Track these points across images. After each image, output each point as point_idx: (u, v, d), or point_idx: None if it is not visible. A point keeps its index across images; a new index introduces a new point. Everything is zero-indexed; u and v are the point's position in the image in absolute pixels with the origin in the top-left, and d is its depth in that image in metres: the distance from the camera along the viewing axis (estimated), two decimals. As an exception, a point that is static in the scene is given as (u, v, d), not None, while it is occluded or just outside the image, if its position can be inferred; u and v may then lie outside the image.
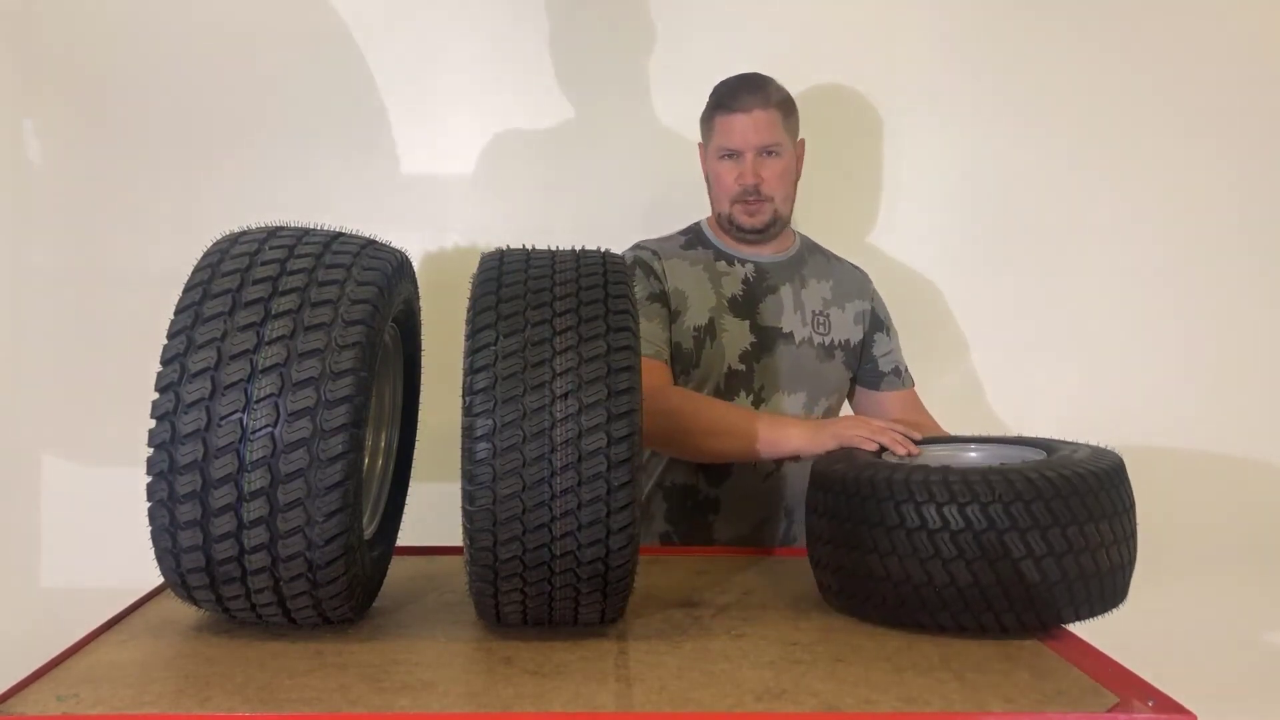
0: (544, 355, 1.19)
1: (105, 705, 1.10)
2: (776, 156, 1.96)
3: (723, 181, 1.97)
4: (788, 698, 1.12)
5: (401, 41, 2.38)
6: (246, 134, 2.39)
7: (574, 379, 1.19)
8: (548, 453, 1.17)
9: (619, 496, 1.18)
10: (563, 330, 1.21)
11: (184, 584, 1.24)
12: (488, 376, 1.19)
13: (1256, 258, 2.44)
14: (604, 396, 1.18)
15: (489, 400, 1.18)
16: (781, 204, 1.98)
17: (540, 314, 1.23)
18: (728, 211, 1.98)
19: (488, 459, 1.17)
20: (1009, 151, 2.43)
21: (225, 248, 1.28)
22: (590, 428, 1.17)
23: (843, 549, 1.39)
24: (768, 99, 1.95)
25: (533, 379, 1.18)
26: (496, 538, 1.19)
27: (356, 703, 1.10)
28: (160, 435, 1.17)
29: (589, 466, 1.17)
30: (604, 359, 1.20)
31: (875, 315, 2.09)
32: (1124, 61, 2.42)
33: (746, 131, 1.93)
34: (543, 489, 1.17)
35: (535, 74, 2.41)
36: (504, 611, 1.28)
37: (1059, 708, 1.10)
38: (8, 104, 2.37)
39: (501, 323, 1.22)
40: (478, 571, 1.23)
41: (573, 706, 1.09)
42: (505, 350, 1.20)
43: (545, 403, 1.17)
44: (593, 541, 1.19)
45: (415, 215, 2.39)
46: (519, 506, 1.18)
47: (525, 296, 1.24)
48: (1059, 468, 1.32)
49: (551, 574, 1.22)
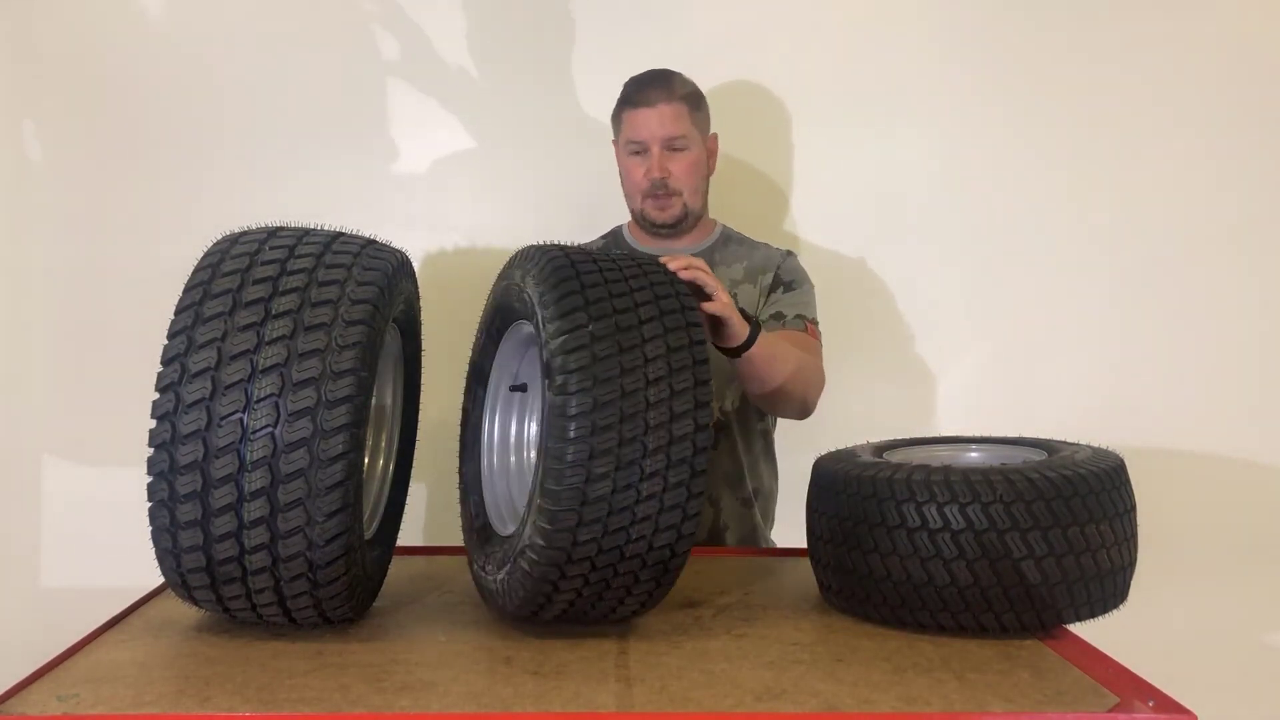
0: (635, 341, 1.21)
1: (105, 705, 1.10)
2: (684, 150, 1.95)
3: (632, 176, 1.97)
4: (788, 698, 1.12)
5: (402, 41, 2.38)
6: (247, 134, 2.39)
7: (664, 365, 1.21)
8: (641, 435, 1.18)
9: (698, 483, 1.21)
10: (648, 319, 1.24)
11: (184, 584, 1.24)
12: (585, 356, 1.19)
13: (1257, 258, 2.44)
14: (692, 385, 1.21)
15: (587, 379, 1.18)
16: (691, 197, 1.98)
17: (624, 301, 1.25)
18: (639, 207, 1.98)
19: (585, 437, 1.16)
20: (1009, 151, 2.43)
21: (225, 248, 1.28)
22: (681, 413, 1.20)
23: (843, 548, 1.39)
24: (672, 92, 1.94)
25: (628, 361, 1.20)
26: (581, 518, 1.18)
27: (356, 703, 1.10)
28: (161, 435, 1.17)
29: (678, 451, 1.19)
30: (689, 350, 1.23)
31: (777, 278, 2.02)
32: (1124, 61, 2.41)
33: (651, 125, 1.93)
34: (634, 471, 1.18)
35: (536, 74, 2.41)
36: (554, 602, 1.26)
37: (1059, 708, 1.10)
38: (8, 104, 2.37)
39: (590, 307, 1.23)
40: (549, 554, 1.19)
41: (573, 706, 1.09)
42: (600, 332, 1.21)
43: (640, 386, 1.19)
44: (668, 526, 1.21)
45: (415, 215, 2.39)
46: (610, 486, 1.17)
47: (607, 285, 1.26)
48: (1060, 468, 1.32)
49: (621, 558, 1.22)
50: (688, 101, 1.96)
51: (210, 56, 2.37)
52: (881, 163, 2.43)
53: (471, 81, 2.40)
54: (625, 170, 2.00)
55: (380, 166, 2.39)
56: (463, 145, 2.40)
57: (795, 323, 1.98)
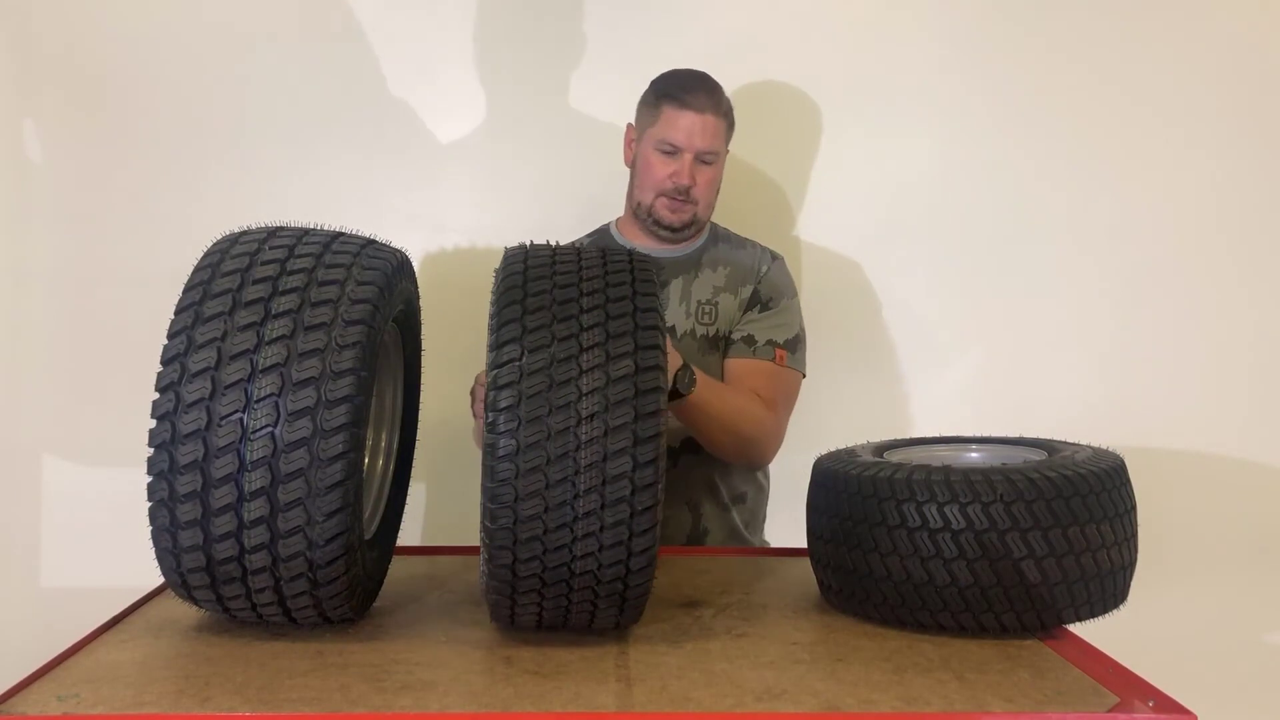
0: (570, 374, 1.17)
1: (105, 705, 1.10)
2: (712, 165, 1.95)
3: (655, 173, 1.95)
4: (788, 698, 1.12)
5: (402, 41, 2.38)
6: (246, 134, 2.39)
7: (600, 399, 1.16)
8: (572, 475, 1.15)
9: (642, 520, 1.17)
10: (590, 346, 1.18)
11: (184, 584, 1.24)
12: (512, 394, 1.16)
13: (1256, 258, 2.44)
14: (631, 419, 1.16)
15: (513, 420, 1.15)
16: (703, 210, 1.98)
17: (567, 328, 1.19)
18: (650, 203, 1.96)
19: (510, 479, 1.15)
20: (1009, 151, 2.43)
21: (225, 247, 1.28)
22: (615, 451, 1.15)
23: (843, 548, 1.39)
24: (719, 106, 1.94)
25: (558, 399, 1.16)
26: (516, 556, 1.18)
27: (356, 703, 1.10)
28: (161, 435, 1.17)
29: (613, 490, 1.15)
30: (631, 380, 1.17)
31: (756, 295, 2.01)
32: (1124, 60, 2.41)
33: (694, 132, 1.92)
34: (565, 511, 1.15)
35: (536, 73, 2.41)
36: (519, 618, 1.27)
37: (1059, 708, 1.10)
38: (8, 104, 2.37)
39: (527, 336, 1.18)
40: (495, 585, 1.21)
41: (573, 706, 1.09)
42: (530, 367, 1.17)
43: (570, 424, 1.15)
44: (613, 562, 1.19)
45: (415, 215, 2.39)
46: (540, 527, 1.16)
47: (552, 308, 1.21)
48: (1060, 468, 1.32)
49: (570, 590, 1.21)
50: (727, 118, 1.97)
51: (210, 56, 2.37)
52: (881, 163, 2.43)
53: (472, 81, 2.39)
54: (646, 164, 1.96)
55: (380, 166, 2.39)
56: (463, 145, 2.40)
57: (765, 350, 1.97)
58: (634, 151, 2.00)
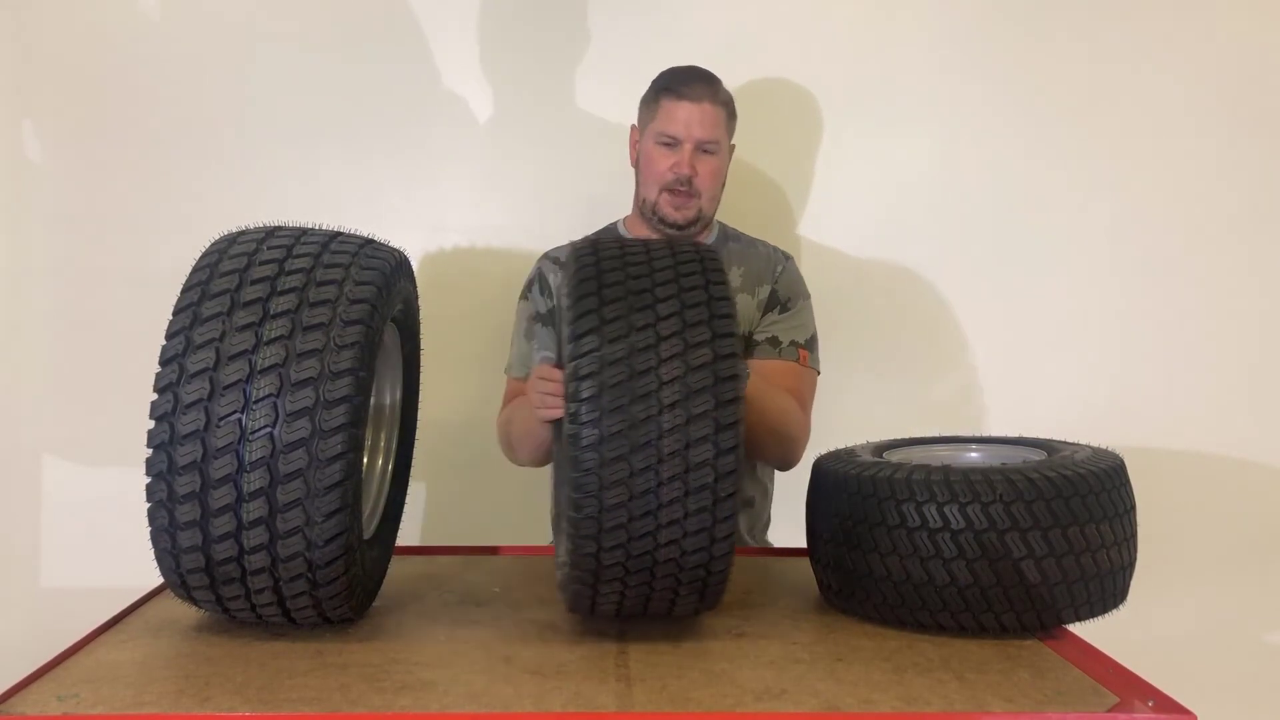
0: (649, 363, 1.18)
1: (105, 705, 1.10)
2: (713, 155, 1.94)
3: (656, 167, 1.94)
4: (788, 698, 1.12)
5: (401, 41, 2.38)
6: (246, 134, 2.38)
7: (681, 388, 1.17)
8: (654, 463, 1.16)
9: (724, 507, 1.18)
10: (667, 336, 1.19)
11: (184, 584, 1.24)
12: (594, 384, 1.17)
13: (1257, 258, 2.44)
14: (711, 406, 1.17)
15: (595, 409, 1.16)
16: (707, 203, 1.97)
17: (644, 317, 1.21)
18: (654, 199, 1.96)
19: (594, 468, 1.16)
20: (1009, 151, 2.42)
21: (223, 248, 1.28)
22: (698, 439, 1.17)
23: (843, 548, 1.39)
24: (716, 95, 1.94)
25: (639, 388, 1.17)
26: (600, 545, 1.19)
27: (356, 703, 1.10)
28: (159, 436, 1.17)
29: (696, 478, 1.17)
30: (710, 368, 1.19)
31: (774, 295, 2.01)
32: (1125, 59, 2.41)
33: (692, 122, 1.91)
34: (649, 499, 1.17)
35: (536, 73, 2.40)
36: (599, 607, 1.28)
37: (1059, 708, 1.10)
38: (7, 104, 2.37)
39: (605, 326, 1.20)
40: (577, 574, 1.22)
41: (573, 706, 1.09)
42: (610, 357, 1.18)
43: (652, 412, 1.16)
44: (697, 549, 1.20)
45: (415, 215, 2.39)
46: (624, 515, 1.17)
47: (627, 299, 1.22)
48: (1060, 468, 1.32)
49: (653, 577, 1.22)
50: (726, 108, 1.96)
51: (210, 56, 2.37)
52: (882, 162, 2.42)
53: (471, 81, 2.39)
54: (648, 159, 1.95)
55: (380, 166, 2.39)
56: (462, 145, 2.40)
57: (790, 351, 1.98)
58: (637, 151, 2.01)
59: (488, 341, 2.28)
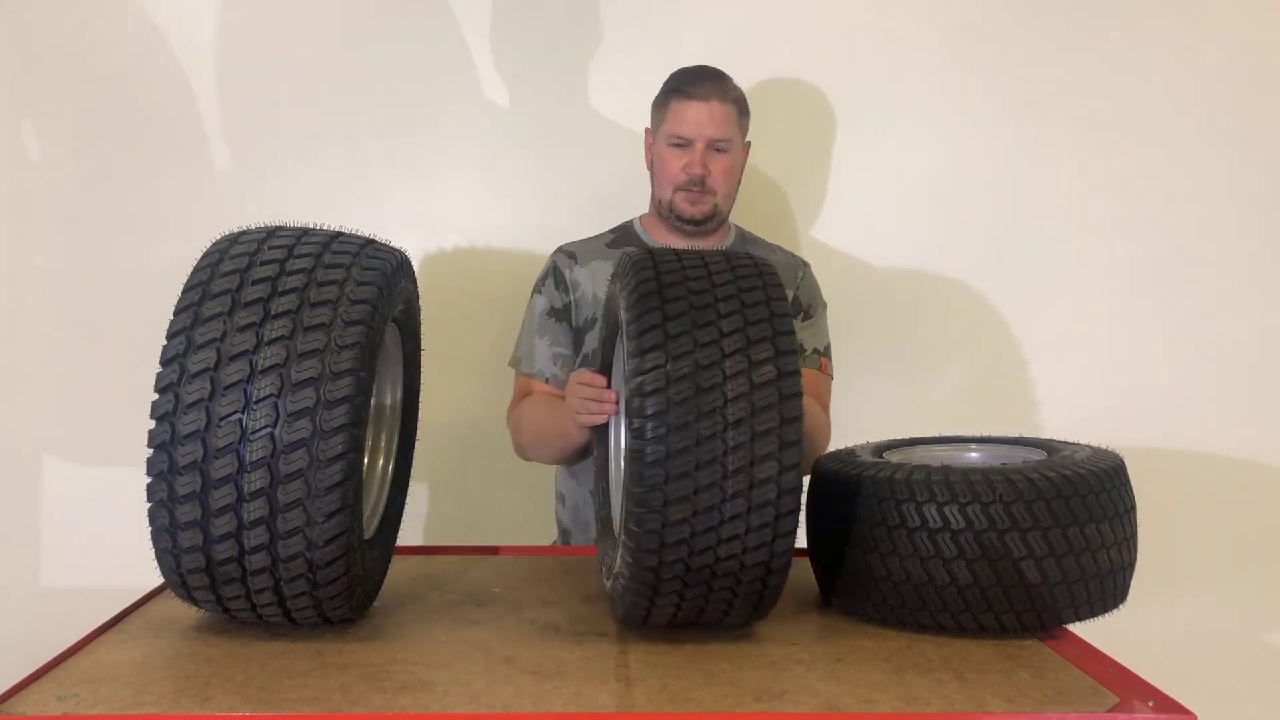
0: (714, 379, 1.18)
1: (105, 705, 1.10)
2: (726, 153, 1.95)
3: (669, 168, 1.95)
4: (788, 698, 1.12)
5: (402, 41, 2.38)
6: (246, 134, 2.39)
7: (746, 405, 1.17)
8: (719, 480, 1.16)
9: (786, 523, 1.19)
10: (731, 352, 1.19)
11: (184, 584, 1.24)
12: (660, 400, 1.17)
13: (1257, 258, 2.44)
14: (776, 424, 1.17)
15: (661, 426, 1.16)
16: (723, 200, 1.97)
17: (708, 333, 1.20)
18: (669, 199, 1.96)
19: (659, 484, 1.16)
20: (1010, 151, 2.42)
21: (224, 248, 1.28)
22: (762, 456, 1.17)
23: (843, 548, 1.39)
24: (726, 93, 1.94)
25: (705, 404, 1.17)
26: (661, 559, 1.19)
27: (356, 703, 1.10)
28: (160, 436, 1.17)
29: (759, 494, 1.17)
30: (775, 385, 1.19)
31: (797, 302, 2.03)
32: (1127, 59, 2.41)
33: (701, 121, 1.91)
34: (712, 515, 1.17)
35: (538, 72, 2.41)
36: (653, 618, 1.29)
37: (1059, 708, 1.10)
38: (8, 104, 2.37)
39: (670, 343, 1.19)
40: (635, 587, 1.22)
41: (573, 706, 1.09)
42: (676, 373, 1.18)
43: (718, 429, 1.16)
44: (756, 563, 1.20)
45: (415, 215, 2.39)
46: (687, 531, 1.17)
47: (690, 314, 1.22)
48: (1060, 468, 1.32)
49: (710, 590, 1.23)
50: (737, 105, 1.96)
51: (210, 56, 2.37)
52: (882, 163, 2.43)
53: (473, 80, 2.39)
54: (661, 161, 1.97)
55: (380, 166, 2.39)
56: (463, 145, 2.40)
57: (812, 359, 2.01)
58: (651, 153, 2.02)
59: (489, 342, 2.29)
